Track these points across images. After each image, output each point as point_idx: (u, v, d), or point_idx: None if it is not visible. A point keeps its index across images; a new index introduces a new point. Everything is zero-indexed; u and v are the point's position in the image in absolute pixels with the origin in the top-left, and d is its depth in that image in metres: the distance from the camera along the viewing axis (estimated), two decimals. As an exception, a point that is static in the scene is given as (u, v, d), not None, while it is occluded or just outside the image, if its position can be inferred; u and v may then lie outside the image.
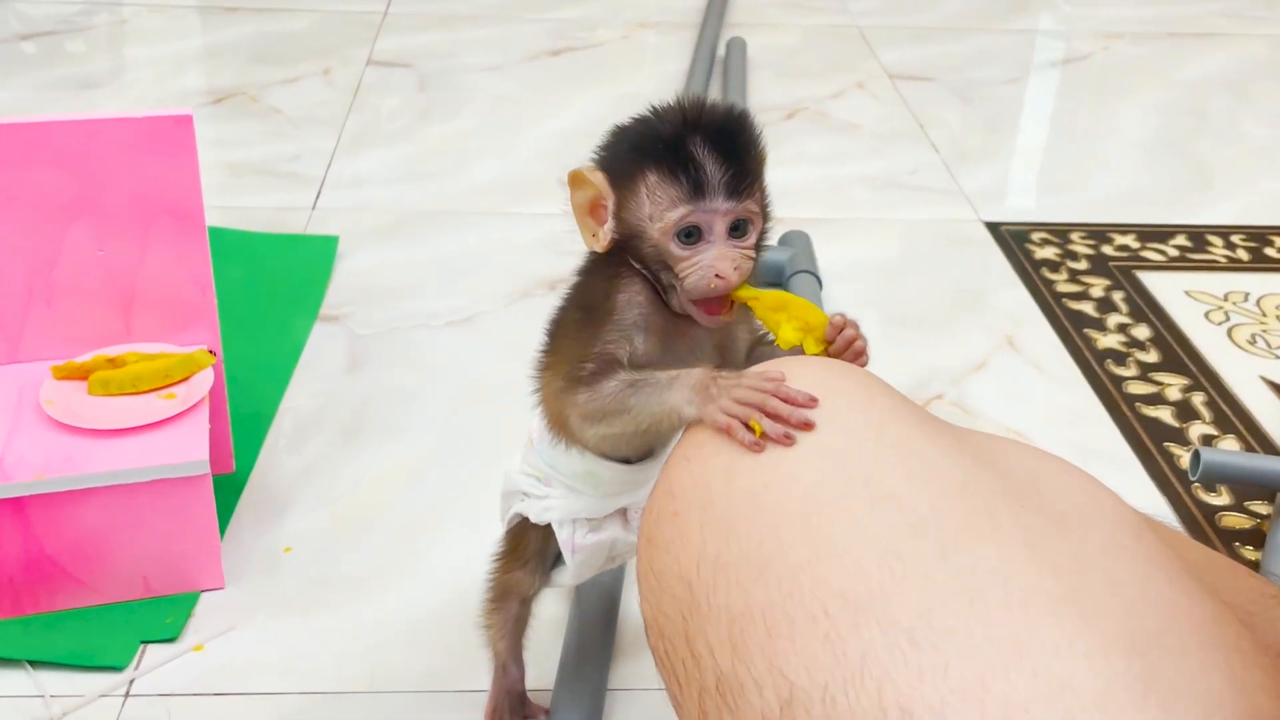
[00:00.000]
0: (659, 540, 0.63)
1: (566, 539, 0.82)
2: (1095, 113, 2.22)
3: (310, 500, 1.19)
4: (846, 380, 0.64)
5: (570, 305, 0.74)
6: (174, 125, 1.06)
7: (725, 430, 0.62)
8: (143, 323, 1.12)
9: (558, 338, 0.75)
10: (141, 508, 1.02)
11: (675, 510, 0.62)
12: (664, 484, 0.64)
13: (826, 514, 0.57)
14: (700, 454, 0.63)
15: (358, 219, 1.72)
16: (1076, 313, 1.55)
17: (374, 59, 2.29)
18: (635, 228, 0.69)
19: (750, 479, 0.60)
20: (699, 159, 0.67)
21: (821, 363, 0.67)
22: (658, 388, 0.66)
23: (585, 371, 0.69)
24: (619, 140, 0.70)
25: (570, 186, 0.70)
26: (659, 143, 0.68)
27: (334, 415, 1.31)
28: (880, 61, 2.37)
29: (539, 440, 0.79)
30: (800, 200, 1.83)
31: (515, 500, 0.84)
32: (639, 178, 0.68)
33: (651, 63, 2.37)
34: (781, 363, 0.67)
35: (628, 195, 0.69)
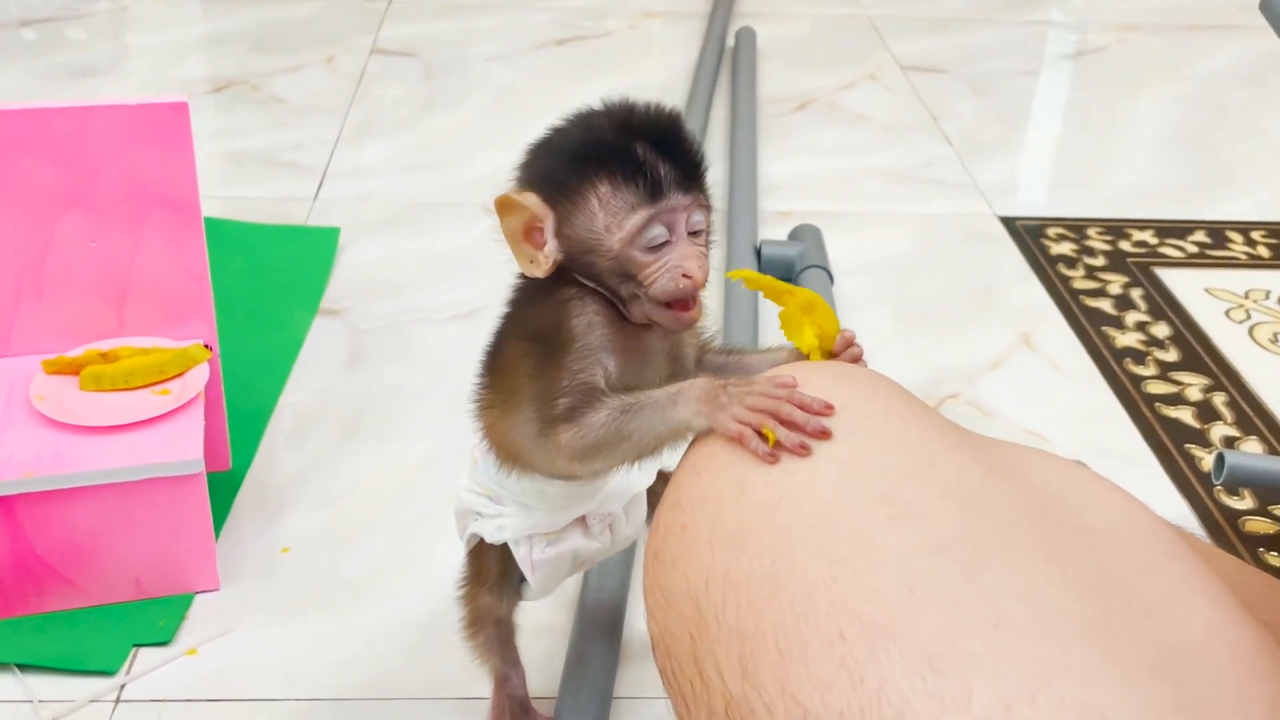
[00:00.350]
0: (666, 556, 0.60)
1: (524, 556, 0.79)
2: (1111, 106, 2.19)
3: (309, 500, 1.16)
4: (862, 387, 0.61)
5: (513, 337, 0.70)
6: (169, 113, 1.03)
7: (738, 439, 0.59)
8: (136, 316, 1.10)
9: (504, 374, 0.71)
10: (134, 507, 0.99)
11: (683, 524, 0.59)
12: (671, 497, 0.61)
13: (843, 531, 0.54)
14: (710, 466, 0.60)
15: (360, 210, 1.69)
16: (1094, 310, 1.52)
17: (378, 47, 2.25)
18: (586, 242, 0.65)
19: (763, 492, 0.57)
20: (649, 159, 0.64)
21: (835, 367, 0.64)
22: (658, 407, 0.63)
23: (562, 408, 0.65)
24: (547, 155, 0.67)
25: (499, 214, 0.66)
26: (600, 149, 0.64)
27: (334, 412, 1.28)
28: (892, 52, 2.34)
29: (482, 461, 0.77)
30: (811, 193, 1.79)
31: (470, 520, 0.81)
32: (585, 189, 0.64)
33: (659, 53, 2.34)
34: (793, 368, 0.64)
35: (572, 211, 0.65)
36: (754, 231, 1.61)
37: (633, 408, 0.64)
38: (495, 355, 0.72)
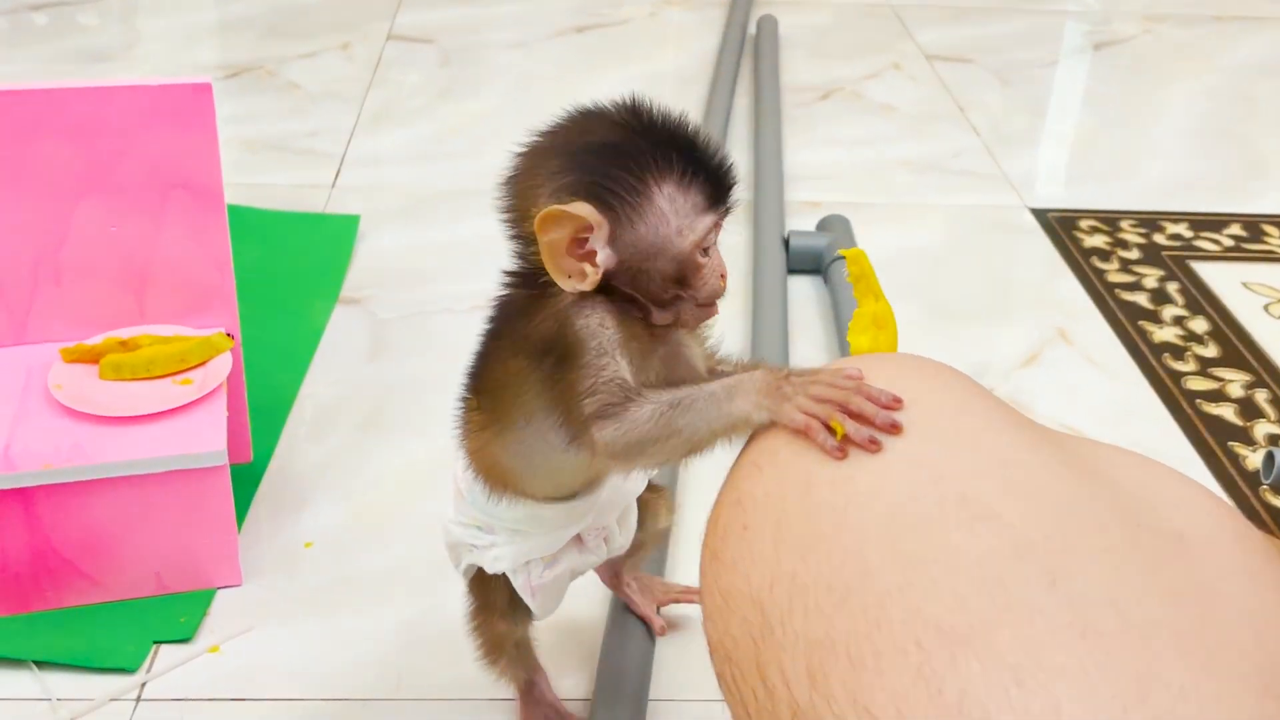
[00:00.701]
0: (726, 556, 0.57)
1: (523, 584, 0.78)
2: (1140, 97, 2.15)
3: (332, 492, 1.13)
4: (934, 379, 0.58)
5: (509, 354, 0.66)
6: (192, 94, 1.01)
7: (804, 431, 0.56)
8: (157, 304, 1.07)
9: (498, 392, 0.68)
10: (155, 500, 0.96)
11: (745, 524, 0.56)
12: (731, 494, 0.58)
13: (918, 534, 0.51)
14: (773, 462, 0.57)
15: (379, 198, 1.66)
16: (1130, 304, 1.48)
17: (395, 34, 2.22)
18: (651, 247, 0.62)
19: (831, 491, 0.54)
20: (710, 160, 0.62)
21: (903, 358, 0.61)
22: (713, 400, 0.60)
23: (594, 406, 0.61)
24: (590, 160, 0.62)
25: (542, 229, 0.61)
26: (663, 151, 0.62)
27: (356, 403, 1.26)
28: (916, 42, 2.30)
29: (469, 492, 0.75)
30: (837, 184, 1.76)
31: (464, 552, 0.79)
32: (651, 193, 0.61)
33: (679, 41, 2.31)
34: (858, 359, 0.61)
35: (634, 216, 0.61)
36: (781, 222, 1.57)
37: (682, 402, 0.60)
38: (484, 374, 0.70)
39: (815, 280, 1.51)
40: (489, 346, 0.69)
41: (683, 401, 0.60)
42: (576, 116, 0.65)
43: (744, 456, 0.60)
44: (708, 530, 0.59)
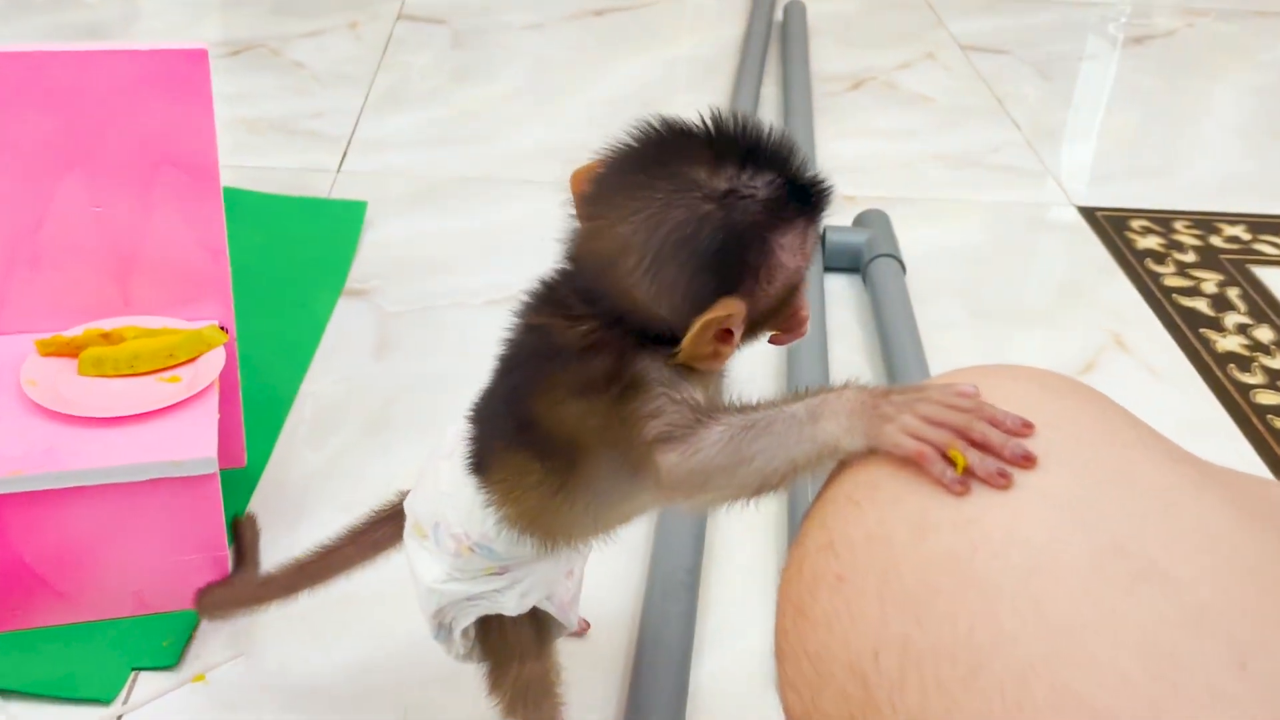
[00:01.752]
0: (816, 613, 0.47)
1: (559, 606, 0.73)
2: (1185, 92, 2.05)
3: (333, 501, 1.03)
4: (1072, 400, 0.48)
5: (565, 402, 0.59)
6: (185, 61, 0.91)
7: (916, 459, 0.47)
8: (144, 293, 0.97)
9: (565, 454, 0.60)
10: (137, 511, 0.87)
11: (840, 574, 0.47)
12: (820, 534, 0.49)
13: (1065, 592, 0.41)
14: (874, 497, 0.47)
15: (387, 184, 1.56)
16: (1189, 310, 1.39)
17: (405, 14, 2.12)
18: (778, 298, 0.57)
19: (953, 536, 0.44)
20: (807, 181, 0.56)
21: (1028, 372, 0.51)
22: (794, 422, 0.51)
23: (657, 429, 0.55)
24: (719, 256, 0.54)
25: (701, 335, 0.54)
26: (767, 204, 0.54)
27: (360, 403, 1.16)
28: (950, 31, 2.20)
29: (482, 546, 0.67)
30: (872, 177, 1.66)
31: (463, 612, 0.71)
32: (773, 255, 0.55)
33: (702, 26, 2.20)
34: (975, 372, 0.51)
35: (766, 284, 0.56)
36: (816, 216, 1.48)
37: (758, 424, 0.52)
38: (545, 433, 0.61)
39: (853, 279, 1.41)
40: (540, 395, 0.60)
41: (758, 423, 0.52)
42: (667, 181, 0.55)
43: (833, 490, 0.50)
44: (788, 578, 0.49)
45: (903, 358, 1.21)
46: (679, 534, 0.96)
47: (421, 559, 0.71)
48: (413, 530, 0.72)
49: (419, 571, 0.71)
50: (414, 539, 0.72)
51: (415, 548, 0.72)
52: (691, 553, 0.95)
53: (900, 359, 1.21)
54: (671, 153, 0.56)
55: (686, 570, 0.93)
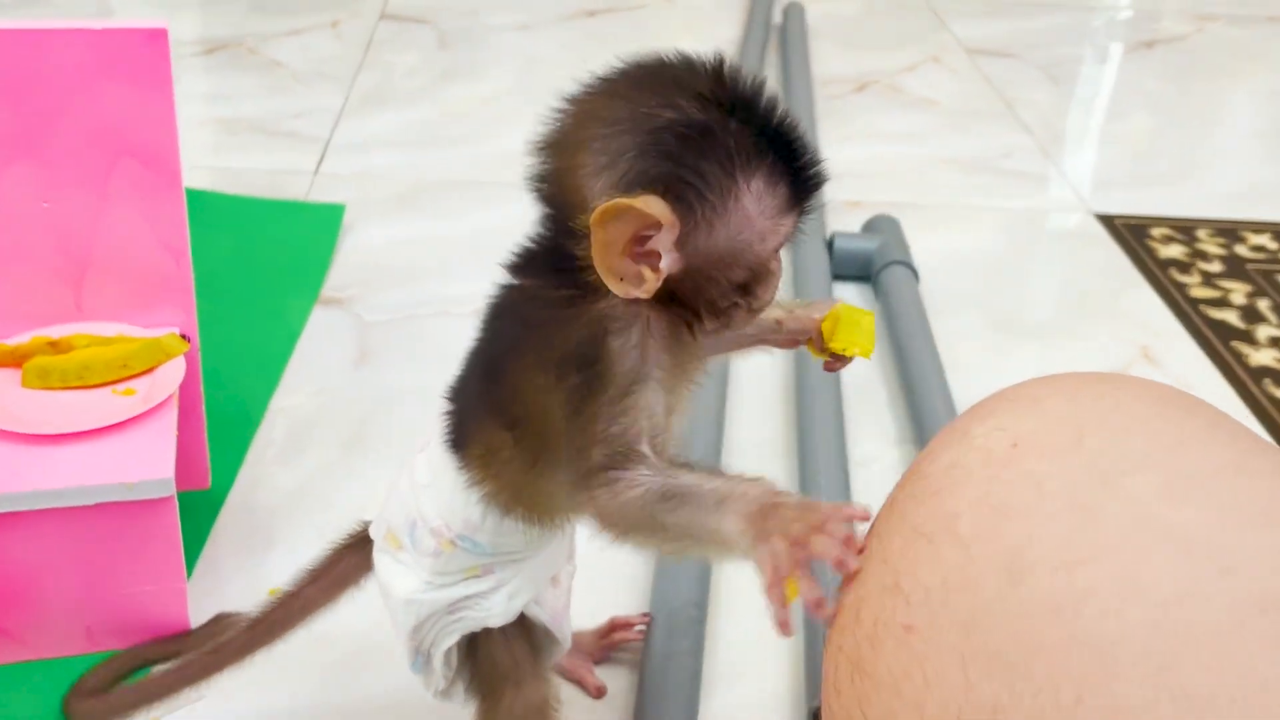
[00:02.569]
0: (878, 670, 0.38)
1: (551, 615, 0.68)
2: (1200, 97, 1.98)
3: (305, 526, 0.95)
4: (1199, 417, 0.40)
5: (534, 368, 0.56)
6: (143, 42, 0.82)
7: (767, 587, 0.46)
8: (98, 297, 0.88)
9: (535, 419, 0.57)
10: (86, 538, 0.79)
11: (910, 623, 0.38)
12: (883, 573, 0.40)
13: (1200, 657, 0.33)
14: (952, 530, 0.39)
15: (367, 186, 1.47)
16: (1219, 323, 1.31)
17: (388, 12, 2.04)
18: (727, 254, 0.53)
19: (1054, 583, 0.36)
20: (802, 150, 0.53)
21: (1154, 388, 0.43)
22: (701, 506, 0.50)
23: (597, 459, 0.53)
24: (679, 148, 0.51)
25: (602, 222, 0.51)
26: (753, 137, 0.51)
27: (335, 419, 1.07)
28: (954, 34, 2.13)
29: (468, 530, 0.63)
30: (879, 183, 1.58)
31: (449, 626, 0.65)
32: (738, 193, 0.52)
33: (698, 28, 2.13)
34: (1067, 379, 0.43)
35: (715, 219, 0.52)
36: (822, 223, 1.40)
37: (674, 495, 0.51)
38: (513, 401, 0.58)
39: (864, 288, 1.33)
40: (510, 365, 0.57)
41: (673, 494, 0.51)
42: (648, 75, 0.54)
43: (895, 520, 0.42)
44: (840, 625, 0.41)
45: (920, 371, 1.13)
46: (685, 566, 0.87)
47: (396, 573, 0.66)
48: (385, 543, 0.67)
49: (394, 586, 0.65)
50: (386, 554, 0.67)
51: (388, 564, 0.66)
52: (698, 586, 0.87)
53: (918, 372, 1.13)
54: (663, 75, 0.53)
55: (694, 605, 0.84)
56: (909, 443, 1.09)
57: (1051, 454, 0.40)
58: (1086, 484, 0.38)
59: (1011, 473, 0.40)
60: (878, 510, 0.47)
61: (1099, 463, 0.39)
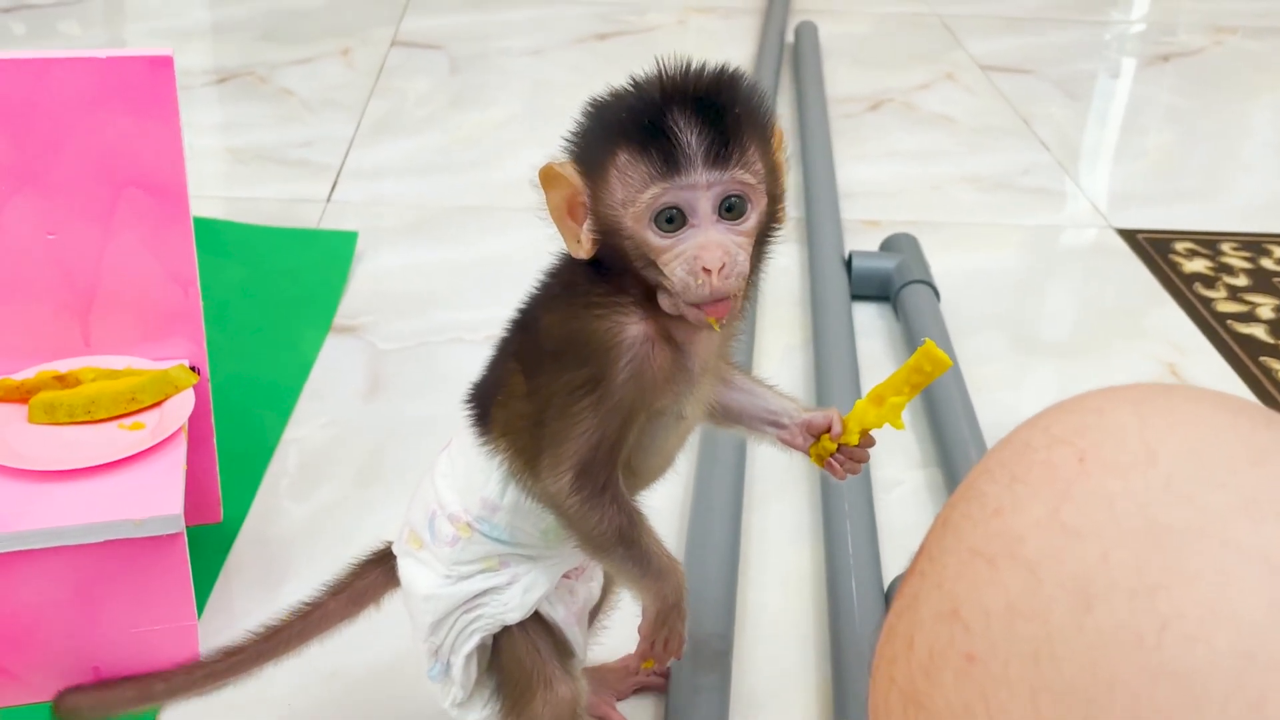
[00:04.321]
0: (936, 704, 0.36)
1: (565, 615, 0.68)
2: (1219, 111, 1.96)
3: (318, 560, 0.93)
4: (1274, 429, 0.38)
5: (552, 333, 0.61)
6: (149, 70, 0.81)
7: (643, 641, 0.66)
8: (105, 330, 0.87)
9: (536, 372, 0.62)
10: (93, 576, 0.77)
11: (971, 653, 0.36)
12: (938, 599, 0.38)
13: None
14: (1016, 553, 0.37)
15: (379, 214, 1.46)
16: (1246, 337, 1.28)
17: (399, 39, 2.03)
18: (610, 222, 0.57)
19: (1131, 610, 0.34)
20: (672, 127, 0.54)
21: (1213, 396, 0.41)
22: (645, 562, 0.63)
23: (574, 463, 0.60)
24: (588, 122, 0.58)
25: (544, 187, 0.58)
26: (627, 115, 0.56)
27: (348, 449, 1.05)
28: (968, 52, 2.11)
29: (486, 511, 0.65)
30: (896, 201, 1.57)
31: (468, 628, 0.66)
32: (609, 159, 0.56)
33: (710, 49, 2.10)
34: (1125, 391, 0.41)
35: (600, 186, 0.57)
36: (839, 241, 1.38)
37: (630, 539, 0.62)
38: (535, 344, 0.62)
39: (883, 308, 1.31)
40: (543, 315, 0.62)
41: (629, 538, 0.62)
42: (636, 78, 0.58)
43: (949, 539, 0.39)
44: (889, 655, 0.39)
45: (943, 393, 1.11)
46: (709, 597, 0.85)
47: (416, 573, 0.67)
48: (407, 545, 0.68)
49: (414, 584, 0.67)
50: (408, 556, 0.68)
51: (409, 565, 0.68)
52: (723, 616, 0.84)
53: (941, 393, 1.11)
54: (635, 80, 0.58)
55: (718, 636, 0.82)
56: (933, 465, 1.06)
57: (1123, 470, 0.37)
58: (1163, 502, 0.36)
59: (1080, 490, 0.37)
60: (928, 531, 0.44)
61: (1174, 479, 0.36)
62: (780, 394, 0.68)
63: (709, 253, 0.55)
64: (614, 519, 0.61)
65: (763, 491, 1.03)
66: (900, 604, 0.40)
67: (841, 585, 0.88)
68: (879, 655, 0.39)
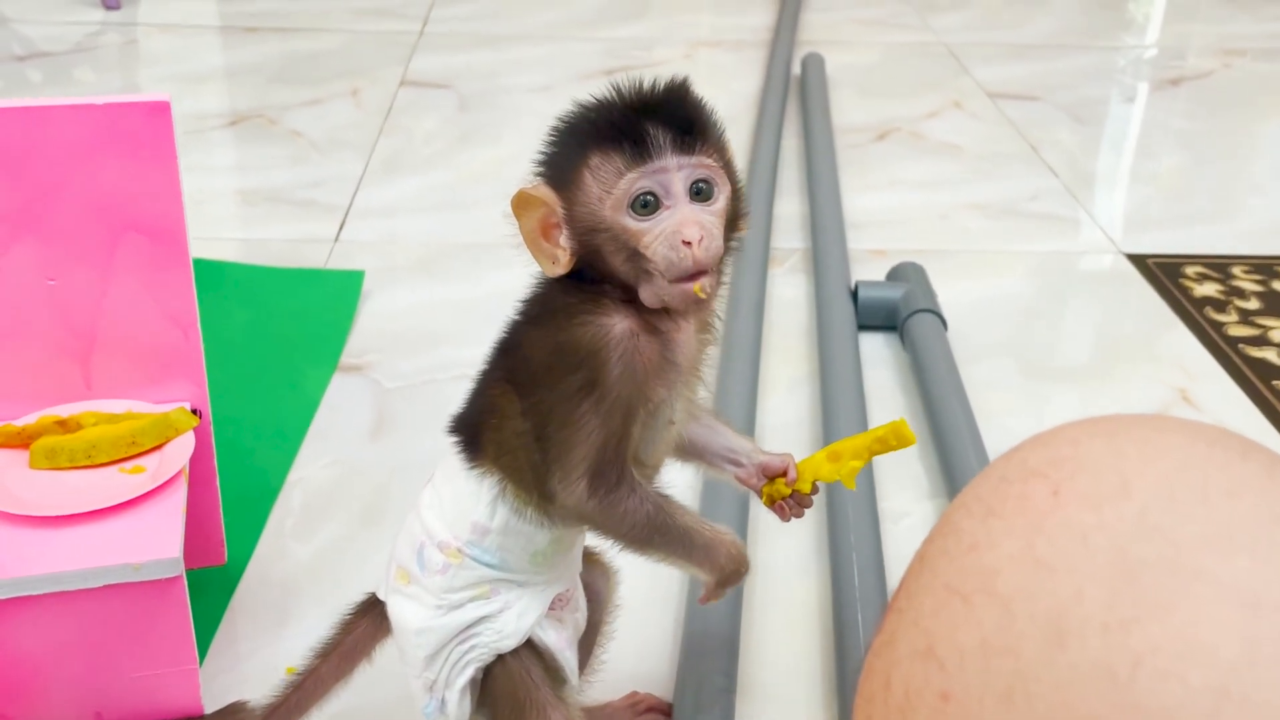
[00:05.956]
0: None
1: (556, 640, 0.68)
2: (1228, 134, 1.95)
3: (323, 600, 0.93)
4: (1253, 460, 0.37)
5: (539, 348, 0.63)
6: (147, 116, 0.81)
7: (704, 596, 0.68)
8: (106, 373, 0.87)
9: (530, 390, 0.63)
10: (92, 621, 0.76)
11: (945, 690, 0.35)
12: (915, 636, 0.37)
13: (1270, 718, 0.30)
14: (991, 590, 0.36)
15: (387, 253, 1.47)
16: (1259, 361, 1.27)
17: (408, 79, 2.05)
18: (587, 220, 0.60)
19: (1103, 646, 0.33)
20: (638, 124, 0.59)
21: (1186, 425, 0.40)
22: (689, 541, 0.65)
23: (585, 467, 0.61)
24: (553, 142, 0.63)
25: (516, 214, 0.61)
26: (593, 123, 0.61)
27: (354, 489, 1.05)
28: (975, 79, 2.11)
29: (476, 535, 0.65)
30: (904, 230, 1.56)
31: (462, 660, 0.66)
32: (581, 167, 0.60)
33: (718, 82, 2.12)
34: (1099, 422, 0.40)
35: (575, 192, 0.60)
36: (846, 272, 1.37)
37: (665, 525, 0.63)
38: (526, 362, 0.64)
39: (890, 338, 1.30)
40: (527, 334, 0.64)
41: (664, 525, 0.63)
42: (587, 101, 0.63)
43: (926, 576, 0.39)
44: (868, 693, 0.38)
45: (951, 422, 1.10)
46: (711, 632, 0.84)
47: (406, 609, 0.67)
48: (395, 583, 0.69)
49: (405, 620, 0.67)
50: (397, 594, 0.68)
51: (399, 602, 0.68)
52: (728, 653, 0.83)
53: (948, 423, 1.10)
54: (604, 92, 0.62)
55: (722, 674, 0.81)
56: (941, 496, 1.06)
57: (1097, 503, 0.37)
58: (1136, 535, 0.35)
59: (1054, 523, 0.37)
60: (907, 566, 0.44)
61: (1148, 512, 0.36)
62: (739, 434, 0.71)
63: (688, 227, 0.59)
64: (640, 508, 0.62)
65: (768, 524, 1.02)
66: (879, 641, 0.39)
67: (848, 620, 0.87)
68: (859, 694, 0.39)
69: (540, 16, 2.38)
